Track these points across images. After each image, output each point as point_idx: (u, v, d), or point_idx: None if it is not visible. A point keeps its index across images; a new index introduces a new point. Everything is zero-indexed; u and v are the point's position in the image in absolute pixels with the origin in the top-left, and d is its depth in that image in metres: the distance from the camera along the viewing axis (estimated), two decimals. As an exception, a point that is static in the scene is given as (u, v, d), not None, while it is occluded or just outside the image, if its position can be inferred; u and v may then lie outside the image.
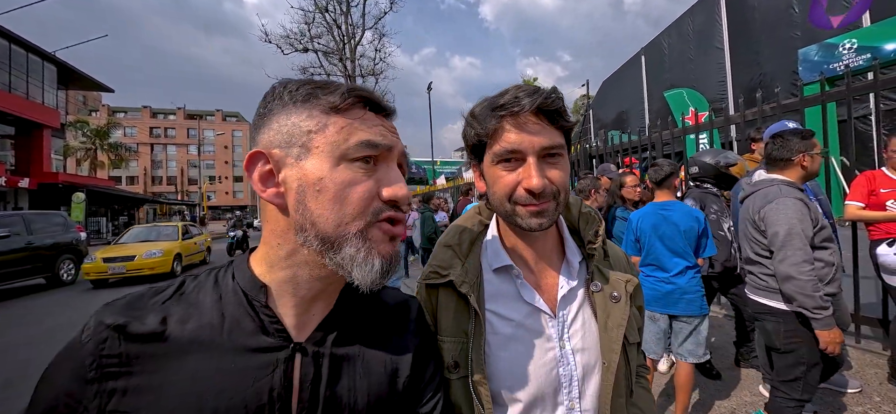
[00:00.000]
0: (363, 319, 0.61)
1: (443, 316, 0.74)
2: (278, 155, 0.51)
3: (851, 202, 2.90)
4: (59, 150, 22.59)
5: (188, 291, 0.54)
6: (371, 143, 0.51)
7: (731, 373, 3.15)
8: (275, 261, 0.54)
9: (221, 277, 0.56)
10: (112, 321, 0.48)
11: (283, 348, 0.52)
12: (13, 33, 17.38)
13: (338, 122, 0.51)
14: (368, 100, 0.54)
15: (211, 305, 0.52)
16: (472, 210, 0.87)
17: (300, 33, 16.30)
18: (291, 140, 0.51)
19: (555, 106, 0.66)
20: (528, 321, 0.73)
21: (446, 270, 0.75)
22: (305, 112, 0.51)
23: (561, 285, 0.75)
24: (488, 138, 0.69)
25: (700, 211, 2.37)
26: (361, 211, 0.50)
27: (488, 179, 0.72)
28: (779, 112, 3.70)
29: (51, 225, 9.03)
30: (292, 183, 0.51)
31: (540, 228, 0.68)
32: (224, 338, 0.50)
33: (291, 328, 0.54)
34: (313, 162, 0.50)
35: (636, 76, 18.79)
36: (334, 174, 0.50)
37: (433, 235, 6.69)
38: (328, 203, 0.50)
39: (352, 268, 0.50)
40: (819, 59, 8.81)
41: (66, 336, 0.51)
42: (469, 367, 0.70)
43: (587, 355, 0.73)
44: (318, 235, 0.50)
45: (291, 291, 0.54)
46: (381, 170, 0.53)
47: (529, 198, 0.66)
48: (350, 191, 0.50)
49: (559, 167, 0.68)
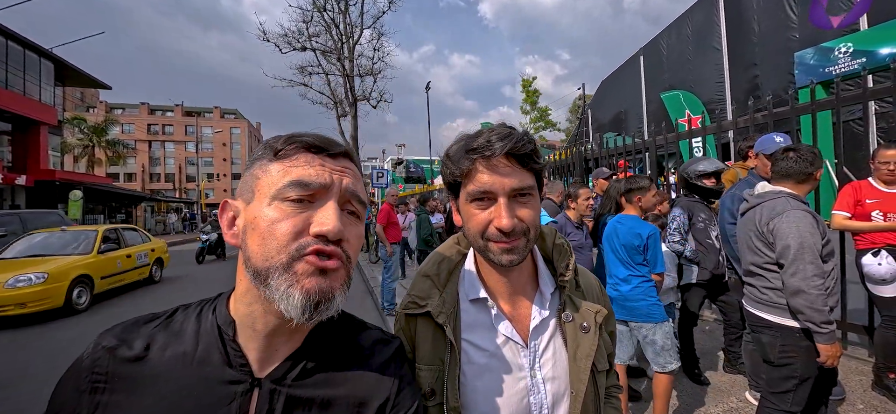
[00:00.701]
0: (331, 359, 0.61)
1: (421, 344, 0.78)
2: (237, 204, 0.58)
3: (838, 211, 2.93)
4: (56, 147, 22.51)
5: (177, 320, 0.60)
6: (300, 182, 0.54)
7: (718, 378, 3.19)
8: (239, 297, 0.58)
9: (205, 311, 0.60)
10: (107, 343, 0.55)
11: (242, 382, 0.55)
12: (9, 30, 17.31)
13: (277, 167, 0.55)
14: (310, 144, 0.56)
15: (190, 335, 0.57)
16: (452, 239, 0.91)
17: (298, 32, 16.25)
18: (246, 188, 0.57)
19: (525, 150, 0.70)
20: (502, 351, 0.76)
21: (424, 301, 0.79)
22: (259, 163, 0.57)
23: (533, 316, 0.78)
24: (463, 178, 0.73)
25: (651, 228, 2.48)
26: (284, 245, 0.52)
27: (463, 216, 0.76)
28: (770, 120, 3.73)
29: (47, 224, 9.03)
30: (241, 224, 0.57)
31: (510, 263, 0.71)
32: (193, 368, 0.55)
33: (255, 363, 0.57)
34: (254, 204, 0.55)
35: (635, 76, 18.79)
36: (265, 212, 0.53)
37: (429, 237, 6.71)
38: (258, 238, 0.53)
39: (277, 299, 0.52)
40: (815, 62, 8.86)
41: (62, 337, 0.57)
42: (444, 394, 0.73)
43: (557, 384, 0.76)
44: (252, 269, 0.53)
45: (251, 326, 0.57)
46: (316, 207, 0.55)
47: (500, 235, 0.69)
48: (275, 227, 0.52)
49: (529, 206, 0.72)
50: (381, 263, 6.00)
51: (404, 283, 7.67)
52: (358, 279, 8.69)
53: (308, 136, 0.57)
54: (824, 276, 1.76)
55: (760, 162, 2.69)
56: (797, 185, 1.96)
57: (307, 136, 0.57)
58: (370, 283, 7.73)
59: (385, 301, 5.75)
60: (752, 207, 2.07)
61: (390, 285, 5.77)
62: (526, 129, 0.75)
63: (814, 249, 1.77)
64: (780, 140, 2.56)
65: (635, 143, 5.30)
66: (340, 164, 0.58)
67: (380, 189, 17.99)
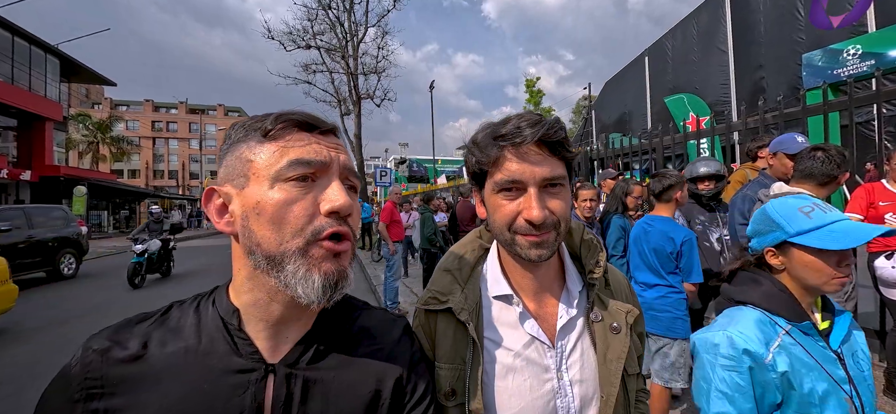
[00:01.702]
0: (342, 341, 0.61)
1: (441, 342, 0.74)
2: (227, 189, 0.56)
3: (850, 214, 2.89)
4: (61, 143, 22.62)
5: (172, 316, 0.58)
6: (302, 160, 0.53)
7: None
8: (239, 286, 0.57)
9: (203, 304, 0.59)
10: (97, 346, 0.52)
11: (255, 370, 0.54)
12: (16, 25, 17.40)
13: (270, 147, 0.54)
14: (300, 121, 0.55)
15: (190, 329, 0.56)
16: (473, 234, 0.87)
17: (303, 30, 16.30)
18: (235, 172, 0.55)
19: (557, 137, 0.66)
20: (527, 351, 0.72)
21: (445, 297, 0.75)
22: (244, 145, 0.55)
23: (560, 314, 0.74)
24: (489, 167, 0.69)
25: (686, 232, 2.31)
26: (300, 228, 0.52)
27: (489, 207, 0.72)
28: (780, 120, 3.68)
29: (51, 219, 9.06)
30: (238, 211, 0.54)
31: (539, 259, 0.68)
32: (199, 360, 0.53)
33: (265, 350, 0.56)
34: (252, 188, 0.53)
35: (639, 78, 18.71)
36: (270, 195, 0.52)
37: (432, 235, 6.68)
38: (267, 223, 0.52)
39: (295, 284, 0.51)
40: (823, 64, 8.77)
41: (64, 332, 0.54)
42: (466, 395, 0.70)
43: (585, 387, 0.72)
44: (264, 256, 0.52)
45: (258, 315, 0.56)
46: (320, 186, 0.54)
47: (530, 228, 0.66)
48: (287, 210, 0.51)
49: (560, 198, 0.68)
50: (383, 261, 5.98)
51: (407, 281, 7.65)
52: (361, 278, 8.68)
53: (295, 113, 0.56)
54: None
55: (778, 162, 2.63)
56: (818, 187, 1.91)
57: (295, 113, 0.56)
58: (373, 281, 7.71)
59: (387, 299, 5.74)
60: None
61: (393, 284, 5.75)
62: (556, 115, 0.72)
63: None
64: (802, 140, 2.50)
65: (641, 143, 5.26)
66: (333, 141, 0.58)
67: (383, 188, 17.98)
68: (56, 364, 0.55)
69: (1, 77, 16.69)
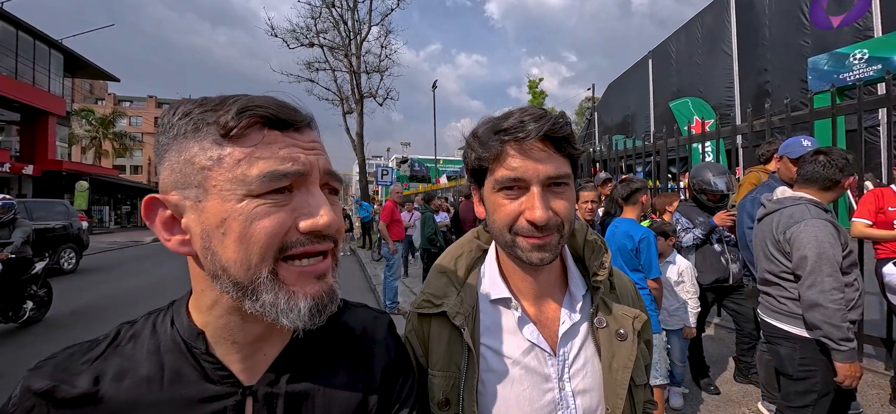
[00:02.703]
0: (323, 350, 0.57)
1: (435, 348, 0.70)
2: (176, 199, 0.45)
3: (858, 219, 2.84)
4: (64, 137, 22.68)
5: (123, 342, 0.50)
6: (275, 174, 0.43)
7: (729, 388, 3.10)
8: (204, 308, 0.50)
9: (160, 324, 0.51)
10: (39, 387, 0.44)
11: (231, 395, 0.49)
12: (21, 20, 17.45)
13: (234, 153, 0.43)
14: (270, 117, 0.45)
15: (147, 356, 0.48)
16: (471, 234, 0.83)
17: (306, 28, 16.29)
18: (187, 180, 0.44)
19: (563, 133, 0.62)
20: (526, 359, 0.68)
21: (440, 300, 0.71)
22: (196, 144, 0.44)
23: (562, 320, 0.70)
24: (490, 163, 0.65)
25: (644, 231, 2.40)
26: (270, 248, 0.44)
27: (488, 207, 0.68)
28: (787, 124, 3.63)
29: (53, 213, 9.06)
30: (195, 228, 0.45)
31: (541, 262, 0.63)
32: (165, 392, 0.47)
33: (239, 373, 0.50)
34: (213, 202, 0.44)
35: (643, 80, 18.66)
36: (237, 212, 0.43)
37: (433, 235, 6.65)
38: (234, 246, 0.43)
39: (276, 315, 0.44)
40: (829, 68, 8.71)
41: (62, 327, 0.48)
42: (460, 405, 0.66)
43: (589, 398, 0.68)
44: (232, 282, 0.44)
45: (229, 338, 0.49)
46: (298, 197, 0.46)
47: (531, 229, 0.62)
48: (255, 227, 0.43)
49: (565, 198, 0.64)
50: (383, 260, 5.96)
51: (407, 281, 7.62)
52: (360, 277, 8.65)
53: (263, 104, 0.45)
54: (843, 289, 1.67)
55: (783, 165, 2.60)
56: (821, 192, 1.87)
57: (262, 105, 0.45)
58: (372, 281, 7.68)
59: (387, 299, 5.71)
60: (769, 213, 1.99)
61: (393, 283, 5.72)
62: (561, 110, 0.67)
63: (833, 260, 1.68)
64: (808, 144, 2.46)
65: (645, 145, 5.21)
66: (309, 139, 0.49)
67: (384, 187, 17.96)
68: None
69: (5, 71, 16.74)
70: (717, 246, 3.02)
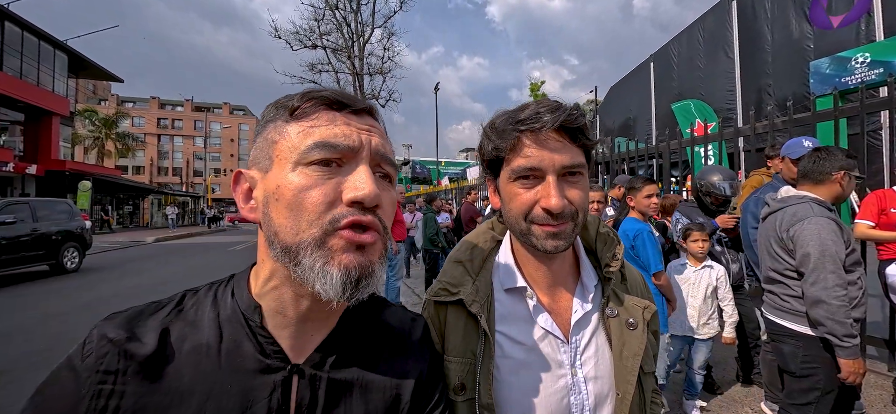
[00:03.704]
0: (364, 341, 0.59)
1: (451, 335, 0.72)
2: (253, 172, 0.52)
3: (861, 221, 2.85)
4: (67, 138, 22.79)
5: (187, 307, 0.53)
6: (326, 143, 0.48)
7: (732, 388, 3.11)
8: (262, 279, 0.53)
9: (221, 294, 0.55)
10: (114, 335, 0.47)
11: (280, 370, 0.51)
12: (26, 20, 17.55)
13: (295, 128, 0.49)
14: (330, 100, 0.50)
15: (209, 323, 0.52)
16: (485, 225, 0.85)
17: (309, 29, 16.34)
18: (261, 155, 0.51)
19: (577, 123, 0.64)
20: (540, 346, 0.70)
21: (456, 288, 0.73)
22: (272, 125, 0.51)
23: (575, 309, 0.72)
24: (506, 153, 0.67)
25: (639, 227, 2.40)
26: (316, 217, 0.46)
27: (504, 196, 0.70)
28: (790, 126, 3.65)
29: (56, 213, 9.08)
30: (260, 196, 0.51)
31: (556, 250, 0.65)
32: (222, 359, 0.49)
33: (289, 350, 0.52)
34: (274, 171, 0.49)
35: (644, 83, 18.68)
36: (289, 180, 0.47)
37: (434, 236, 6.67)
38: (285, 211, 0.47)
39: (312, 279, 0.46)
40: (831, 71, 8.71)
41: (62, 325, 0.50)
42: (476, 390, 0.68)
43: (600, 384, 0.70)
44: (281, 246, 0.48)
45: (281, 311, 0.52)
46: (345, 171, 0.49)
47: (547, 217, 0.64)
48: (303, 196, 0.46)
49: (579, 187, 0.66)
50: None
51: (408, 282, 7.63)
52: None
53: (326, 90, 0.51)
54: (846, 286, 1.68)
55: (786, 166, 2.62)
56: (816, 187, 1.88)
57: (325, 91, 0.51)
58: (375, 281, 7.69)
59: (389, 299, 5.73)
60: (773, 212, 2.00)
61: (395, 284, 5.73)
62: (576, 102, 0.69)
63: (836, 257, 1.69)
64: (809, 144, 2.48)
65: (647, 147, 5.23)
66: (367, 123, 0.52)
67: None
68: (52, 359, 0.50)
69: (10, 71, 16.84)
70: (717, 247, 3.04)
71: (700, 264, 2.71)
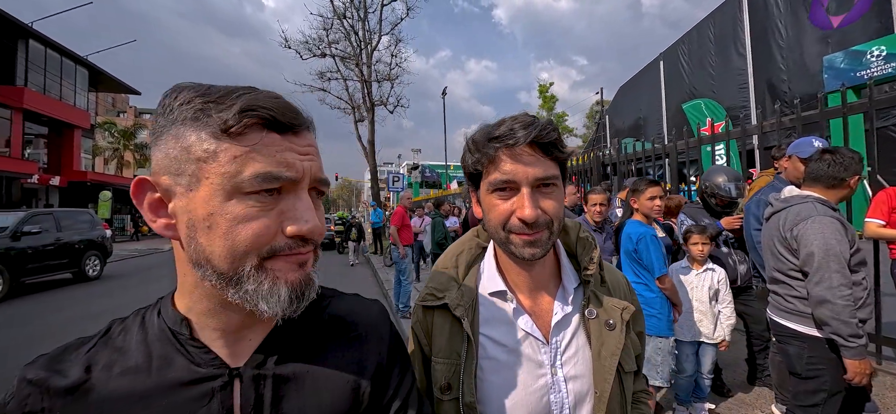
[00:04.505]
0: (313, 332, 0.57)
1: (437, 337, 0.76)
2: (167, 183, 0.46)
3: (871, 219, 2.81)
4: (88, 149, 23.56)
5: (115, 335, 0.52)
6: (269, 175, 0.44)
7: (742, 390, 3.07)
8: (186, 293, 0.51)
9: (148, 316, 0.53)
10: (33, 376, 0.47)
11: (217, 376, 0.49)
12: (49, 38, 18.28)
13: (230, 150, 0.44)
14: (270, 119, 0.45)
15: (136, 346, 0.50)
16: (471, 233, 0.89)
17: (318, 39, 16.65)
18: (181, 167, 0.45)
19: (549, 138, 0.67)
20: (521, 347, 0.73)
21: (442, 293, 0.77)
22: (194, 134, 0.44)
23: (555, 311, 0.75)
24: (485, 167, 0.71)
25: (642, 231, 2.38)
26: (255, 247, 0.45)
27: (484, 207, 0.74)
28: (798, 124, 3.60)
29: (78, 222, 9.39)
30: (182, 215, 0.46)
31: (533, 257, 0.69)
32: (152, 377, 0.48)
33: (226, 356, 0.51)
34: (203, 194, 0.44)
35: (654, 82, 18.49)
36: (225, 209, 0.44)
37: (443, 240, 6.72)
38: (220, 241, 0.44)
39: (257, 301, 0.46)
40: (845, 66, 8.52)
41: (83, 331, 0.55)
42: (461, 389, 0.72)
43: (579, 383, 0.73)
44: (216, 273, 0.45)
45: (212, 324, 0.51)
46: (286, 201, 0.47)
47: (523, 227, 0.67)
48: (242, 229, 0.44)
49: (553, 197, 0.69)
50: (394, 266, 6.05)
51: (418, 286, 7.67)
52: (372, 282, 8.75)
53: (265, 105, 0.45)
54: (851, 285, 1.67)
55: (792, 165, 2.59)
56: (827, 191, 1.86)
57: (264, 105, 0.45)
58: (385, 286, 7.76)
59: (400, 302, 5.78)
60: (776, 212, 1.99)
61: (408, 288, 5.80)
62: (549, 117, 0.74)
63: (840, 256, 1.68)
64: (819, 144, 2.45)
65: (654, 148, 5.20)
66: (305, 144, 0.49)
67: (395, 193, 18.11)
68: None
69: (34, 87, 17.53)
70: (724, 248, 3.02)
71: (701, 267, 2.70)
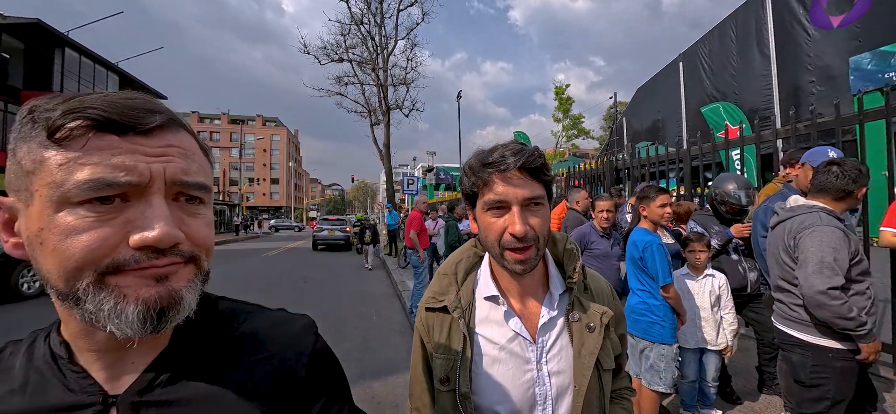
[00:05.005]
0: (216, 351, 0.52)
1: (438, 336, 0.88)
2: (10, 202, 0.43)
3: (887, 228, 2.77)
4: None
5: (5, 357, 0.50)
6: (100, 182, 0.39)
7: (752, 398, 3.07)
8: (60, 315, 0.48)
9: (39, 339, 0.51)
10: None
11: (90, 405, 0.45)
12: (83, 46, 19.28)
13: (56, 157, 0.39)
14: (101, 120, 0.40)
15: (20, 368, 0.48)
16: (469, 243, 1.01)
17: (336, 44, 17.03)
18: (18, 183, 0.42)
19: (536, 164, 0.78)
20: (511, 345, 0.84)
21: (442, 297, 0.89)
22: (25, 146, 0.41)
23: (542, 315, 0.85)
24: (480, 188, 0.81)
25: (649, 239, 2.39)
26: (89, 262, 0.39)
27: (481, 224, 0.84)
28: (813, 131, 3.56)
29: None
30: (24, 233, 0.42)
31: (523, 272, 0.79)
32: (25, 400, 0.46)
33: (104, 381, 0.47)
34: (36, 208, 0.40)
35: (673, 83, 18.13)
36: (54, 223, 0.39)
37: (456, 242, 6.81)
38: (50, 256, 0.40)
39: (103, 320, 0.40)
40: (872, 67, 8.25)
41: None
42: (457, 381, 0.83)
43: (562, 378, 0.84)
44: (54, 290, 0.42)
45: (87, 346, 0.47)
46: (134, 209, 0.41)
47: (515, 242, 0.77)
48: (71, 242, 0.39)
49: (539, 215, 0.79)
50: (409, 267, 6.20)
51: (432, 288, 7.77)
52: (387, 283, 8.91)
53: (97, 105, 0.40)
54: (841, 287, 1.71)
55: (803, 173, 2.58)
56: (834, 202, 1.89)
57: (93, 105, 0.40)
58: (399, 287, 7.91)
59: (414, 305, 5.92)
60: (782, 221, 2.03)
61: (422, 291, 5.94)
62: (535, 145, 0.85)
63: (833, 265, 1.72)
64: (834, 155, 2.44)
65: (668, 152, 5.17)
66: (159, 145, 0.43)
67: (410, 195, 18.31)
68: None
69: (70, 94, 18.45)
70: (734, 255, 3.03)
71: (701, 274, 2.72)
